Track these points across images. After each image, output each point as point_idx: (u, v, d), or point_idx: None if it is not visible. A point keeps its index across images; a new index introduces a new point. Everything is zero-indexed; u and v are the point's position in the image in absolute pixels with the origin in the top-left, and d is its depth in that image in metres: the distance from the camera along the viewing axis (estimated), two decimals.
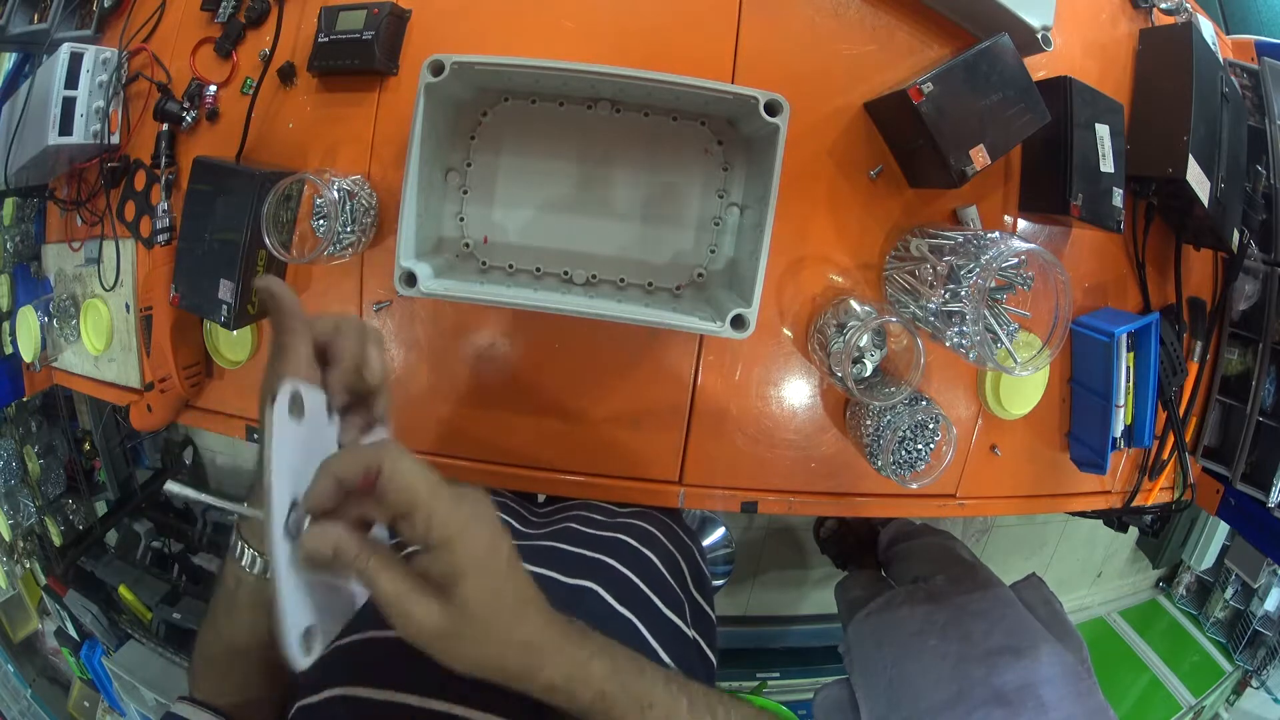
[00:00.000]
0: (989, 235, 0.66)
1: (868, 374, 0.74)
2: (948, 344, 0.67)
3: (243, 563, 0.45)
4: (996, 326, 0.67)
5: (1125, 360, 0.81)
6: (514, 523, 0.69)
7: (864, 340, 0.73)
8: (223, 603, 0.46)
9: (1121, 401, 0.82)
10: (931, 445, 0.76)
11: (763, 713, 0.44)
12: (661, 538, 0.69)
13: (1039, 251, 0.62)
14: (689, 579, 0.68)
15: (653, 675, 0.40)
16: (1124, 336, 0.79)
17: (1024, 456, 0.87)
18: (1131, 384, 0.83)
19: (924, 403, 0.74)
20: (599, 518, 0.70)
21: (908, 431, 0.75)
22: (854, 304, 0.72)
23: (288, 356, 0.38)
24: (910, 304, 0.72)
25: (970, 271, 0.64)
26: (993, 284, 0.68)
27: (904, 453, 0.76)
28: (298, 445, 0.36)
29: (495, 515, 0.36)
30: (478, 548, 0.34)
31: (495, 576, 0.35)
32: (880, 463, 0.74)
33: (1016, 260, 0.66)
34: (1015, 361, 0.65)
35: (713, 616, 0.70)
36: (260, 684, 0.47)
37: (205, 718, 0.44)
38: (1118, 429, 0.82)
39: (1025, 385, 0.82)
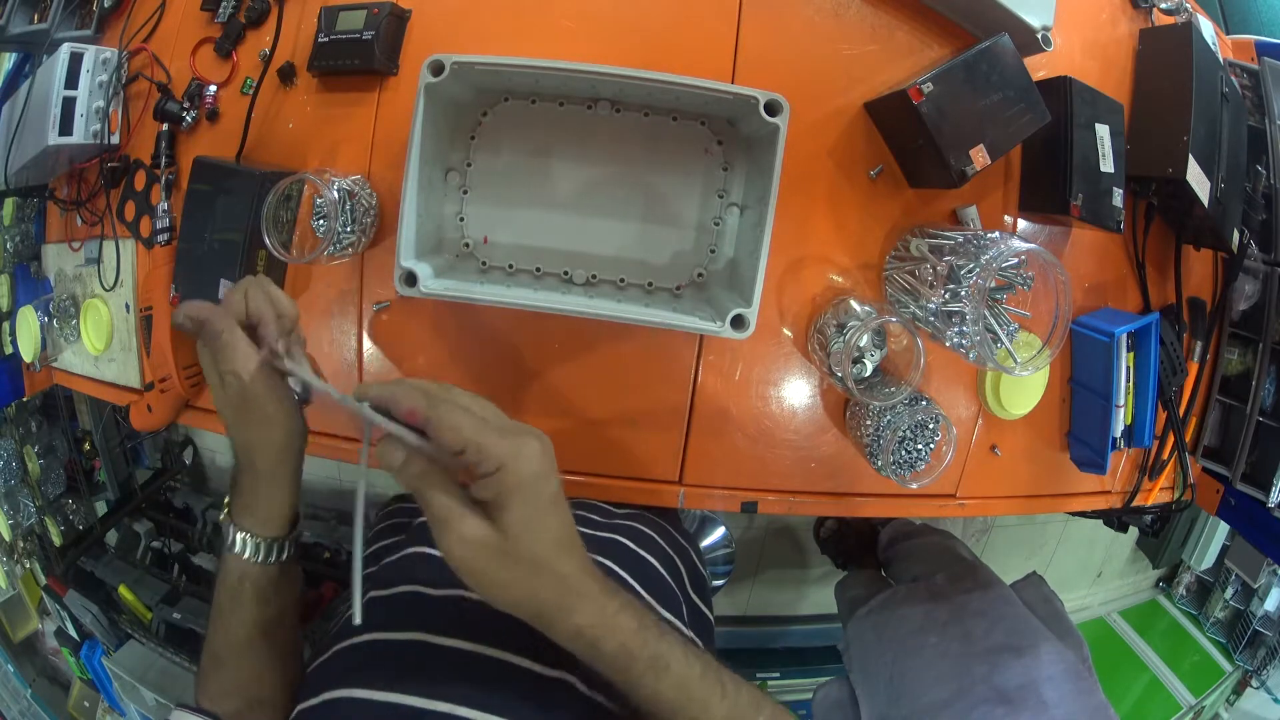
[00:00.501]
0: (989, 235, 0.66)
1: (868, 374, 0.74)
2: (948, 344, 0.67)
3: (241, 554, 0.45)
4: (996, 326, 0.67)
5: (1125, 360, 0.81)
6: None
7: (864, 340, 0.73)
8: (227, 596, 0.46)
9: (1121, 401, 0.82)
10: (931, 445, 0.76)
11: (765, 695, 0.44)
12: (658, 540, 0.69)
13: (1039, 251, 0.62)
14: (686, 580, 0.68)
15: (672, 639, 0.41)
16: (1124, 336, 0.79)
17: (1024, 456, 0.87)
18: (1131, 384, 0.83)
19: (924, 403, 0.74)
20: (595, 518, 0.70)
21: (908, 431, 0.75)
22: (854, 304, 0.72)
23: (236, 347, 0.43)
24: (910, 304, 0.72)
25: (970, 271, 0.64)
26: (993, 284, 0.68)
27: (904, 453, 0.76)
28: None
29: (548, 455, 0.39)
30: (524, 477, 0.37)
31: (539, 507, 0.38)
32: (880, 463, 0.74)
33: (1016, 260, 0.66)
34: (1015, 361, 0.65)
35: (710, 618, 0.70)
36: (266, 679, 0.47)
37: None
38: (1118, 429, 0.83)
39: (1025, 385, 0.82)
